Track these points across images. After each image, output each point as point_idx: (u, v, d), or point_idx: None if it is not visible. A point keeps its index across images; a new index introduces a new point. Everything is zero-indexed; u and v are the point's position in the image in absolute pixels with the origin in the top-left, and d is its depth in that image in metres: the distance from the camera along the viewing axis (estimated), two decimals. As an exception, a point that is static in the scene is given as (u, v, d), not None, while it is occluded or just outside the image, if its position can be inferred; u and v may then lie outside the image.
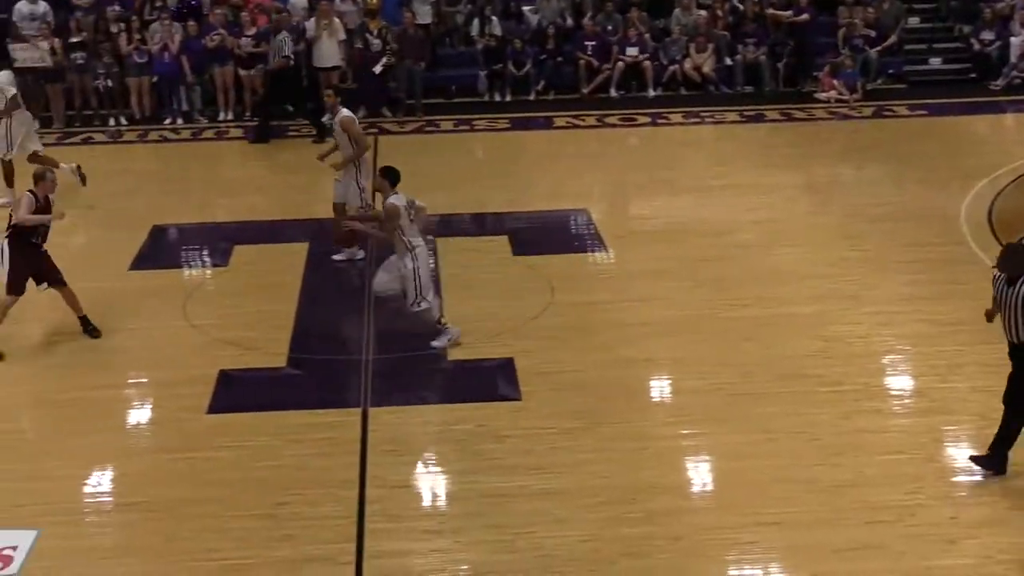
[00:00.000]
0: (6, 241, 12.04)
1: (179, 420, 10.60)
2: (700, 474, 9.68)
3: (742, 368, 11.25)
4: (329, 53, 21.16)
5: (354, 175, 14.00)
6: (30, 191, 11.99)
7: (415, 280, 11.68)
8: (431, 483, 9.66)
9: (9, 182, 16.38)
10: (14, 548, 8.57)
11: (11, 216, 12.10)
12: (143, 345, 12.10)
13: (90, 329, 12.25)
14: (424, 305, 11.76)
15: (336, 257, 14.30)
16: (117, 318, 12.62)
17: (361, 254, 14.29)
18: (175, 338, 12.23)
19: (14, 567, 8.40)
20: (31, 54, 21.08)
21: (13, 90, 16.82)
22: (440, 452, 10.02)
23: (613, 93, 22.88)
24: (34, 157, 16.05)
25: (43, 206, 11.93)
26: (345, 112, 14.15)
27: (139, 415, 11.03)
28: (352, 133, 13.97)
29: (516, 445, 9.96)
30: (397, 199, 11.70)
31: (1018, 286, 8.91)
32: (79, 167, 16.64)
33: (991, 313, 9.24)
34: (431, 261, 12.69)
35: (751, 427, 10.14)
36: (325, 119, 14.34)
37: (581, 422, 10.30)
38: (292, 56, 20.34)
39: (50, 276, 12.10)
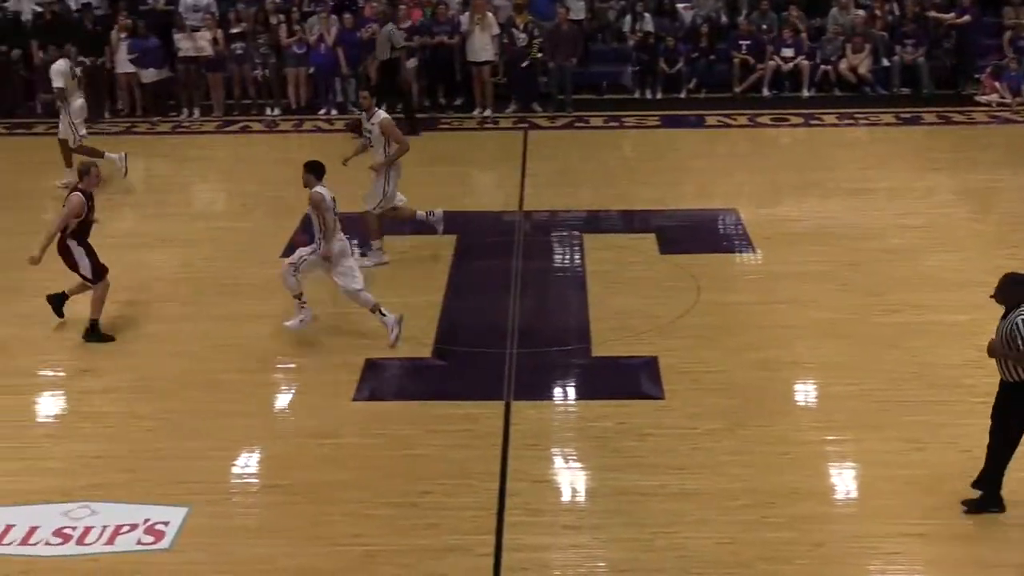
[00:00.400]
0: (75, 242, 12.18)
1: (326, 406, 10.79)
2: (844, 481, 9.52)
3: (891, 375, 11.03)
4: (482, 47, 21.31)
5: (384, 176, 13.93)
6: (79, 188, 12.19)
7: (312, 251, 11.90)
8: (571, 479, 9.67)
9: (68, 163, 17.09)
10: (166, 523, 8.82)
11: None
12: (292, 331, 12.32)
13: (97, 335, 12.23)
14: (290, 273, 11.89)
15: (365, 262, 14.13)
16: (269, 304, 12.89)
17: (386, 257, 14.17)
18: (323, 325, 12.43)
19: (166, 542, 8.64)
20: (194, 44, 21.66)
21: (60, 83, 17.47)
22: (581, 448, 10.03)
23: (766, 93, 22.62)
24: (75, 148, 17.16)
25: (90, 203, 12.13)
26: (383, 113, 14.05)
27: (287, 399, 11.26)
28: (392, 135, 13.88)
29: (657, 444, 9.92)
30: (322, 190, 11.90)
31: (1012, 317, 8.41)
32: (126, 156, 17.48)
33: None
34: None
35: (899, 435, 9.93)
36: (363, 121, 14.11)
37: (724, 423, 10.22)
38: (403, 47, 20.53)
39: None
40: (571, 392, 11.20)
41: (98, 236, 12.50)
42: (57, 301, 12.38)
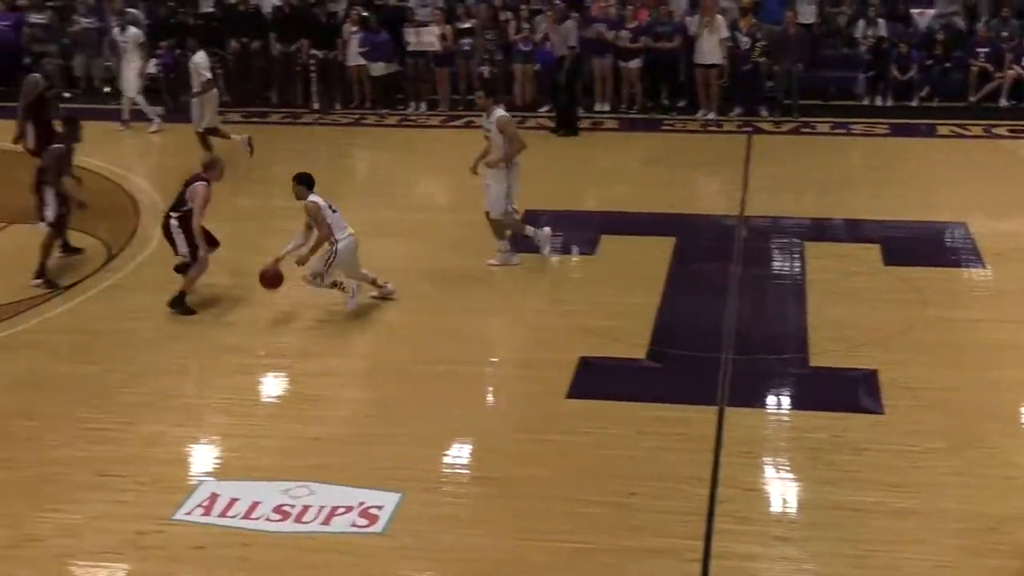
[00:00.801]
0: (176, 221, 12.60)
1: (538, 402, 10.86)
2: (1075, 511, 9.12)
3: None
4: (709, 50, 21.13)
5: (504, 176, 13.80)
6: (204, 178, 12.63)
7: (327, 261, 12.26)
8: (783, 489, 9.51)
9: (207, 146, 18.09)
10: (380, 508, 9.01)
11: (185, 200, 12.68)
12: (510, 325, 12.48)
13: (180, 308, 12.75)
14: (317, 283, 12.36)
15: (492, 262, 14.12)
16: (488, 297, 13.07)
17: (517, 259, 14.07)
18: (540, 321, 12.54)
19: (379, 526, 8.83)
20: (422, 38, 22.09)
21: (207, 74, 18.68)
22: (794, 459, 9.85)
23: (1003, 103, 21.82)
24: (211, 131, 18.49)
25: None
26: (500, 111, 13.92)
27: (500, 393, 11.40)
28: (508, 133, 13.72)
29: (874, 459, 9.67)
30: (315, 198, 12.21)
31: None
32: (249, 139, 18.43)
33: None
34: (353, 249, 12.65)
35: None
36: (482, 121, 14.08)
37: (945, 443, 9.90)
38: (577, 46, 20.45)
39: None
40: (786, 401, 11.01)
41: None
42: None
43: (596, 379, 11.31)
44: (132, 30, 20.85)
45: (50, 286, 13.54)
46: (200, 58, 18.93)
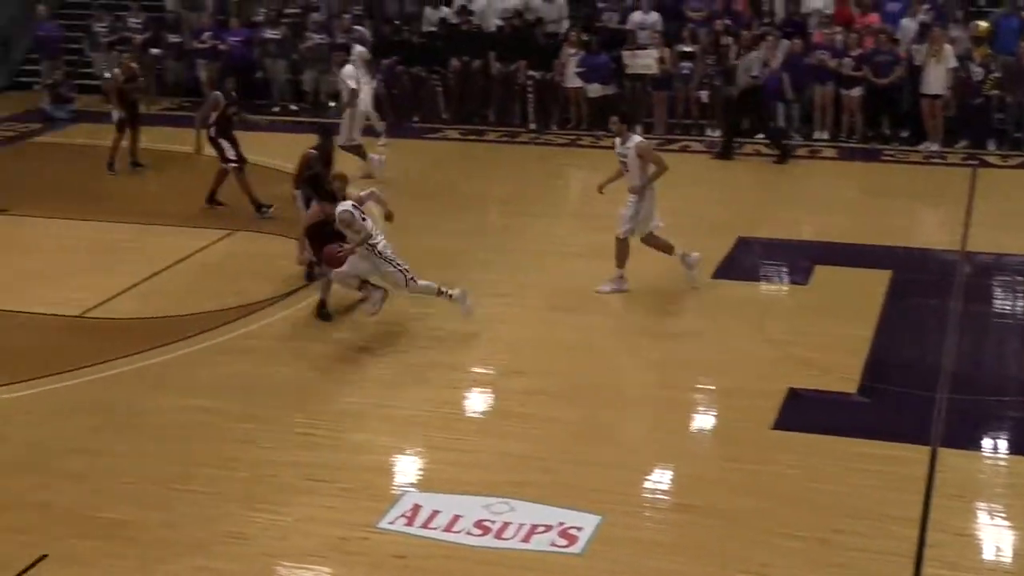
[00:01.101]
0: (350, 205, 12.60)
1: (743, 430, 10.73)
2: None
3: None
4: (935, 80, 20.54)
5: (647, 199, 13.61)
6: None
7: (393, 266, 12.47)
8: (997, 536, 9.14)
9: (363, 155, 18.73)
10: (579, 529, 9.02)
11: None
12: (717, 352, 12.34)
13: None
14: (412, 283, 12.54)
15: (603, 288, 13.89)
16: (695, 322, 12.97)
17: (626, 285, 13.81)
18: (748, 349, 12.38)
19: (578, 547, 8.83)
20: (640, 61, 22.09)
21: (353, 84, 18.92)
22: (1011, 506, 9.45)
23: None
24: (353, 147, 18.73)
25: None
26: (637, 137, 13.76)
27: (704, 420, 11.31)
28: (650, 158, 13.58)
29: (1097, 511, 9.25)
30: (344, 206, 12.35)
31: None
32: (384, 159, 18.93)
33: None
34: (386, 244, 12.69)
35: None
36: (617, 147, 13.78)
37: None
38: (760, 76, 20.07)
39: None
40: (1004, 445, 10.60)
41: (530, 241, 13.01)
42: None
43: (804, 411, 11.10)
44: (358, 48, 21.42)
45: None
46: (348, 70, 19.37)
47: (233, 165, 16.91)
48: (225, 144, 16.91)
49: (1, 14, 25.84)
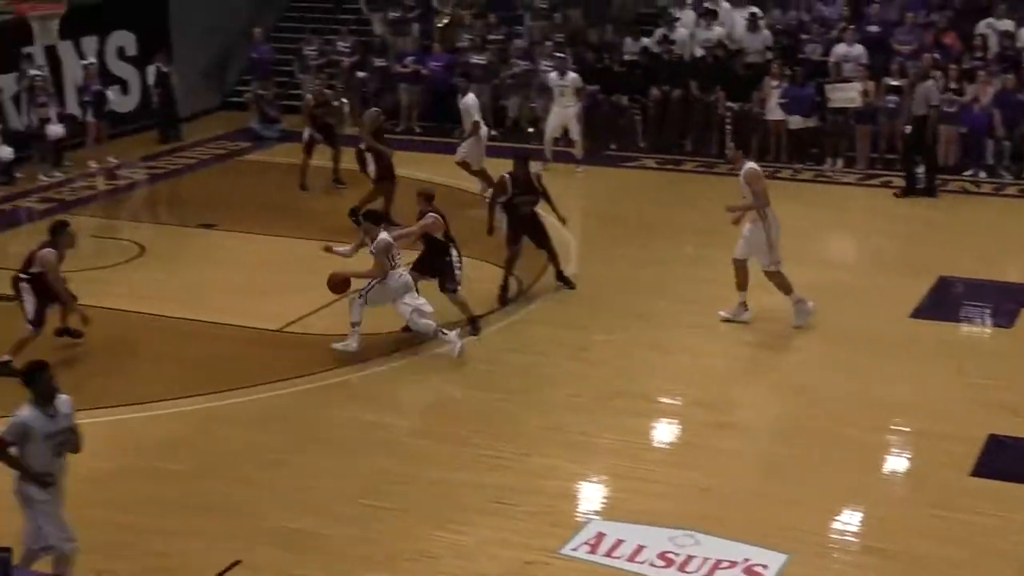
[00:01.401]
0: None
1: (939, 475, 10.41)
2: None
3: None
4: None
5: (763, 229, 13.24)
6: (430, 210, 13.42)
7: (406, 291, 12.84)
8: None
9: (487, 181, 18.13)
10: (764, 567, 8.87)
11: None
12: (913, 394, 12.00)
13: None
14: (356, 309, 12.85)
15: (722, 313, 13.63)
16: (892, 363, 12.64)
17: (746, 315, 13.43)
18: (947, 392, 12.01)
19: (761, 584, 8.72)
20: (844, 94, 21.67)
21: (477, 116, 19.15)
22: None
23: None
24: (476, 171, 18.95)
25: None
26: (750, 164, 13.48)
27: (899, 462, 11.02)
28: (755, 188, 13.22)
29: None
30: (385, 235, 12.85)
31: None
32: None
33: None
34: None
35: None
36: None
37: None
38: (939, 105, 19.32)
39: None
40: None
41: (722, 273, 12.99)
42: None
43: (1006, 458, 10.70)
44: (572, 75, 21.53)
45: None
46: (471, 100, 19.42)
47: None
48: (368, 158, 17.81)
49: (220, 41, 26.81)
